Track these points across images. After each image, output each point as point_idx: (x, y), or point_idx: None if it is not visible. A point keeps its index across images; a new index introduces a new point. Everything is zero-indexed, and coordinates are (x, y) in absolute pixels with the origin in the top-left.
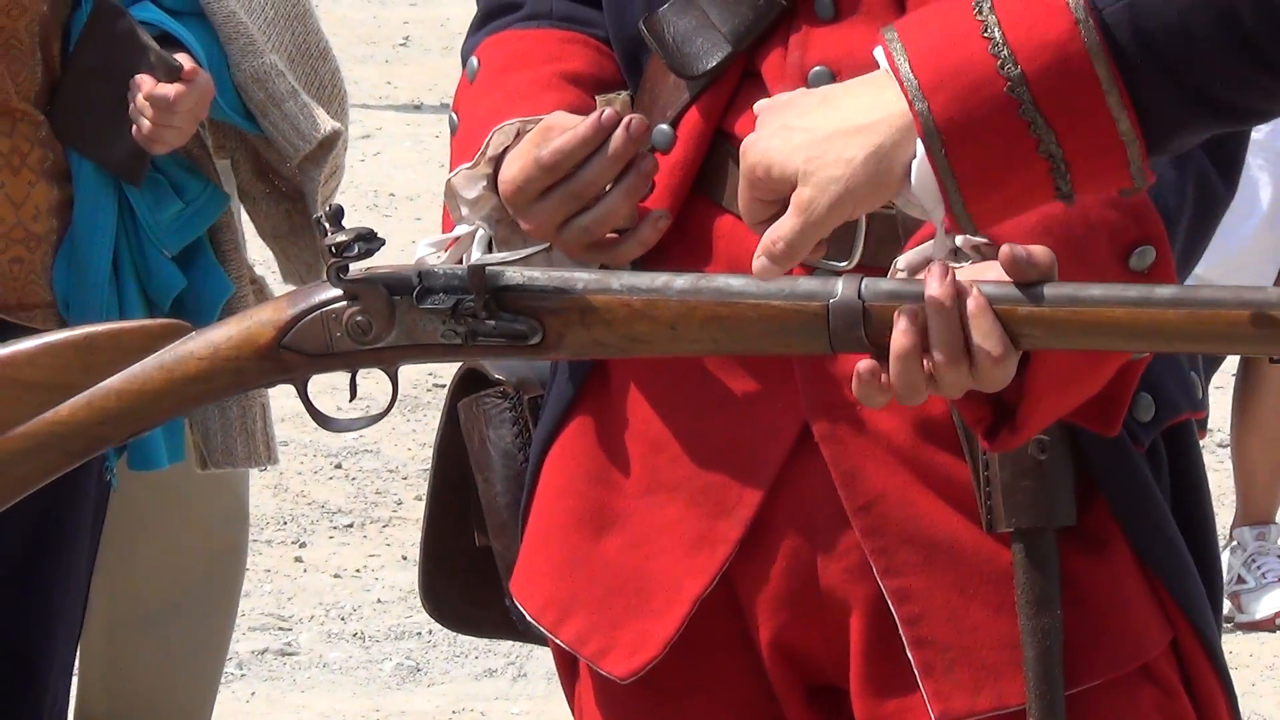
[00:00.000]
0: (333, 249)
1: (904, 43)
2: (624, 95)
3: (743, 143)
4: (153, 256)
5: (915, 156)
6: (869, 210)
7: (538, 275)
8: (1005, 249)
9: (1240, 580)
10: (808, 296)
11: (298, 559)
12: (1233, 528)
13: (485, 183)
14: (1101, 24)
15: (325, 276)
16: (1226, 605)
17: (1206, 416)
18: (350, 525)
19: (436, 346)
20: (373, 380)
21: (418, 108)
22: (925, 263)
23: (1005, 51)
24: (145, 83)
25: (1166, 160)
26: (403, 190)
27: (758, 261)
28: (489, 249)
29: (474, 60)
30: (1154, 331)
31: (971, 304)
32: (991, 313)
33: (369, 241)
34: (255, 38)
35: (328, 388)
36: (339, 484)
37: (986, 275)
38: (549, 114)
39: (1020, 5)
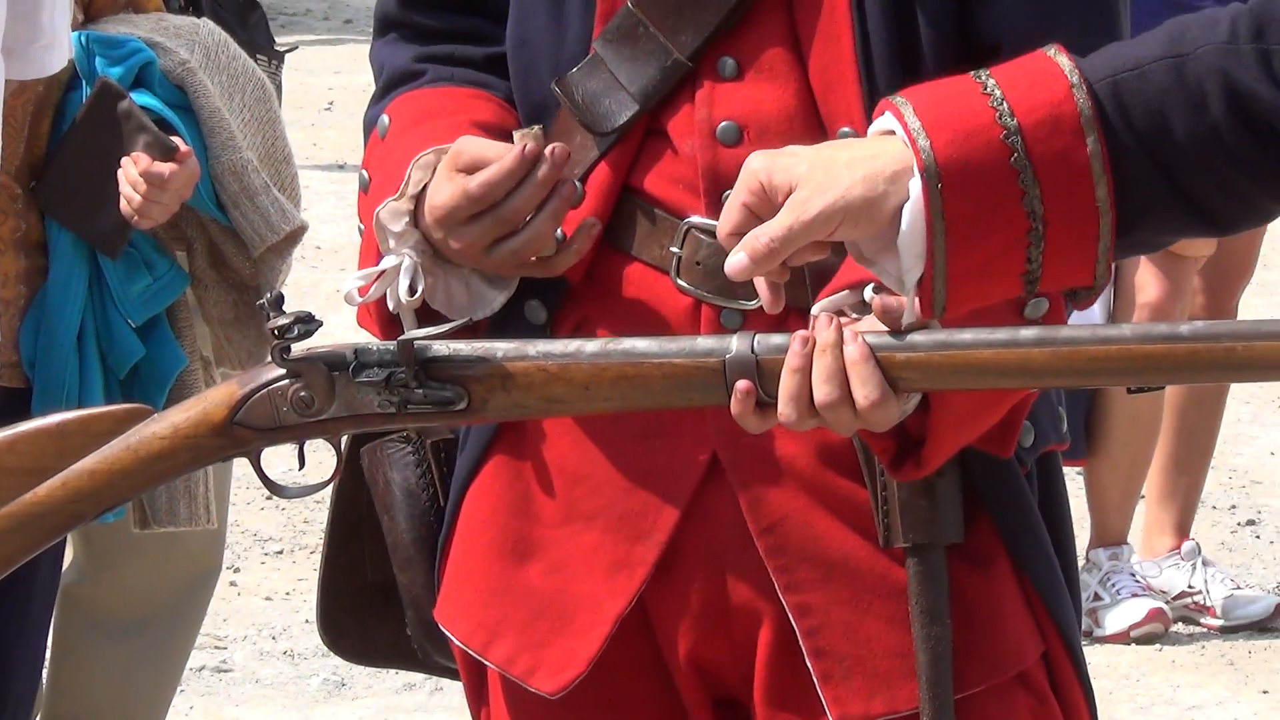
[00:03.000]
0: (275, 331)
1: (908, 98)
2: (537, 129)
3: (748, 157)
4: (116, 325)
5: (909, 199)
6: (853, 235)
7: (462, 346)
8: (878, 300)
9: (1097, 597)
10: (706, 353)
11: (232, 583)
12: (1088, 549)
13: (408, 218)
14: (1093, 93)
15: (270, 357)
16: (1085, 620)
17: (1069, 446)
18: (280, 552)
19: (374, 415)
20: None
21: (341, 167)
22: (837, 310)
23: (1004, 106)
24: (142, 160)
25: None
26: (328, 243)
27: (735, 259)
28: (414, 278)
29: (384, 118)
30: (1021, 370)
31: (854, 351)
32: (872, 360)
33: (308, 323)
34: (235, 134)
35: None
36: (270, 514)
37: (879, 326)
38: (457, 140)
39: (1018, 71)
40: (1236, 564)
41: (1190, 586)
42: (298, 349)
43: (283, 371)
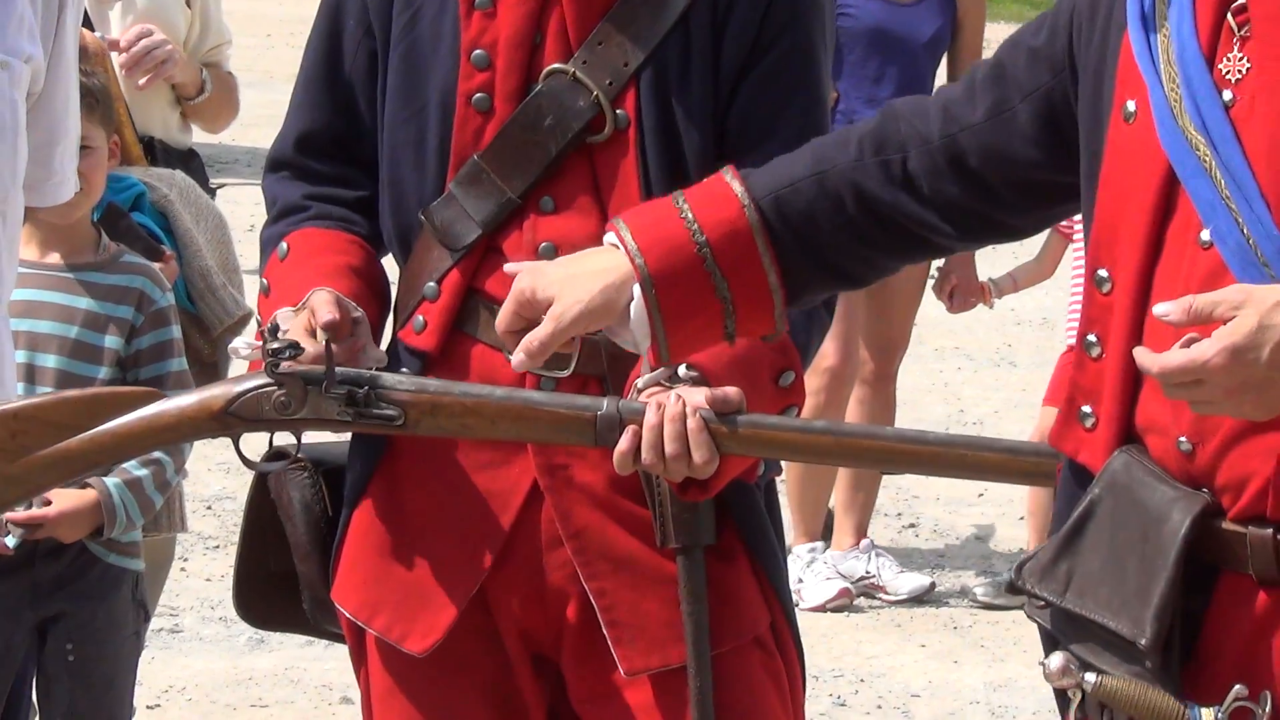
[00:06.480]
0: (271, 350)
1: (625, 223)
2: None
3: (516, 275)
4: None
5: (633, 299)
6: (596, 329)
7: (404, 380)
8: (708, 393)
9: (801, 580)
10: (584, 408)
11: (183, 569)
12: (793, 545)
13: (295, 317)
14: (759, 209)
15: (264, 368)
16: (793, 596)
17: (780, 473)
18: (218, 546)
19: (333, 421)
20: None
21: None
22: (655, 382)
23: (696, 226)
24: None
25: (800, 311)
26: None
27: (516, 357)
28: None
29: (284, 245)
30: (809, 449)
31: (692, 424)
32: (706, 431)
33: (295, 349)
34: (202, 247)
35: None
36: (210, 519)
37: (695, 394)
38: (314, 294)
39: (704, 196)
40: (901, 555)
41: (868, 572)
42: (285, 365)
43: (270, 380)
